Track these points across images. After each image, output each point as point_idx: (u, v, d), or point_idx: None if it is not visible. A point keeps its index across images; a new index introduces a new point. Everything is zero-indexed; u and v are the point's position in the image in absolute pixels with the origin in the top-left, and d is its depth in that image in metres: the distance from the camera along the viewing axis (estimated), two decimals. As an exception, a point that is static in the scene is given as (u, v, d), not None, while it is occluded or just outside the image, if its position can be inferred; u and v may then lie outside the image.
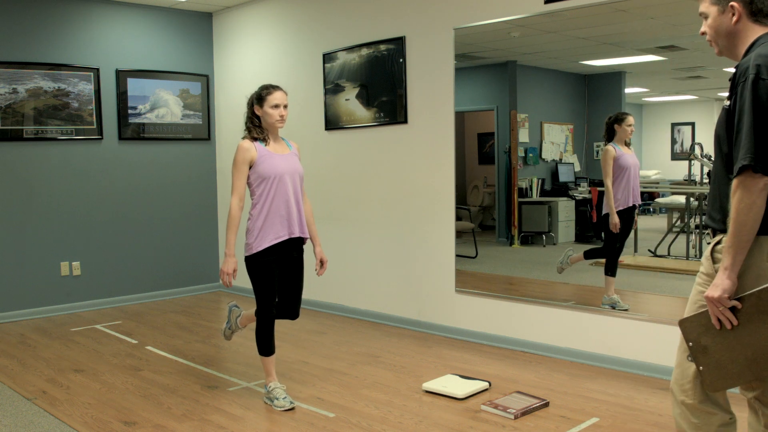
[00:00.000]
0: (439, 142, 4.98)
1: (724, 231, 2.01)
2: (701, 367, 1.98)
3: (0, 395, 3.85)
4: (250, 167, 3.49)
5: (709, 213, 2.12)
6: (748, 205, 1.88)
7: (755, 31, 2.02)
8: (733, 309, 1.92)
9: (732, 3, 2.01)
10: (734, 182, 1.91)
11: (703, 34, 2.13)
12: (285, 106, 3.56)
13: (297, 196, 3.58)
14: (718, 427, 2.08)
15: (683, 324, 2.01)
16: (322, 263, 3.75)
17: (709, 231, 2.14)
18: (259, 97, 3.55)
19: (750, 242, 1.91)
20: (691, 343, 1.99)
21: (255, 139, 3.54)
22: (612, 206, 4.61)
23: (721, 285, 1.92)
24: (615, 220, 4.60)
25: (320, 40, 5.84)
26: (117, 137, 6.34)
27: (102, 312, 6.09)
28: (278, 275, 3.58)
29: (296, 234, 3.56)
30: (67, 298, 6.09)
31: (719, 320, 1.95)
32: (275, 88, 3.56)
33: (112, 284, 6.36)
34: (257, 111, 3.56)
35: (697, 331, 1.97)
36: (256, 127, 3.57)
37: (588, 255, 4.77)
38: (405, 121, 5.20)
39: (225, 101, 6.89)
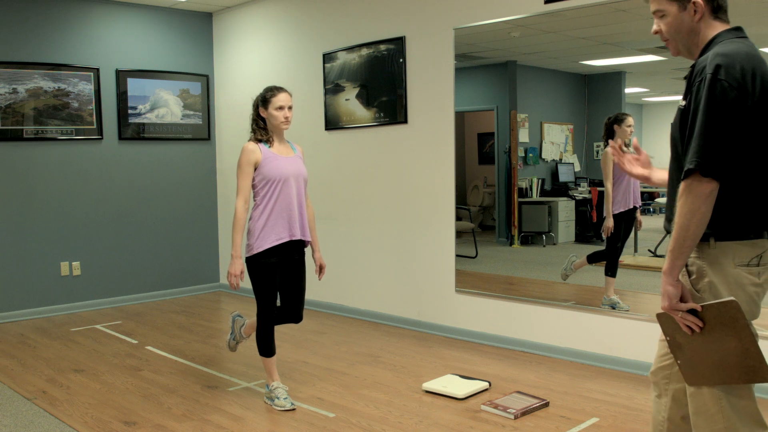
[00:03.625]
0: (439, 142, 4.98)
1: None
2: (679, 361, 1.95)
3: (0, 395, 3.85)
4: (255, 169, 3.49)
5: (667, 216, 2.04)
6: (692, 210, 1.81)
7: (715, 28, 1.95)
8: (697, 312, 1.87)
9: (694, 0, 1.93)
10: (681, 186, 1.83)
11: (657, 33, 2.03)
12: (290, 108, 3.55)
13: (300, 199, 3.58)
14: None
15: (660, 318, 1.97)
16: (321, 269, 3.75)
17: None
18: (263, 99, 3.54)
19: (692, 248, 1.85)
20: (668, 338, 1.97)
21: (260, 141, 3.54)
22: (609, 210, 4.61)
23: (665, 294, 1.88)
24: (609, 224, 4.59)
25: (320, 40, 5.84)
26: (117, 137, 6.34)
27: (102, 312, 6.09)
28: (280, 278, 3.58)
29: (297, 236, 3.56)
30: (67, 297, 6.09)
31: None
32: (279, 90, 3.55)
33: (112, 284, 6.36)
34: (262, 113, 3.55)
35: (672, 328, 1.95)
36: (261, 129, 3.57)
37: (591, 259, 4.77)
38: (405, 121, 5.20)
39: (225, 101, 6.89)
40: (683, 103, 1.91)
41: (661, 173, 2.24)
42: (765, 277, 1.91)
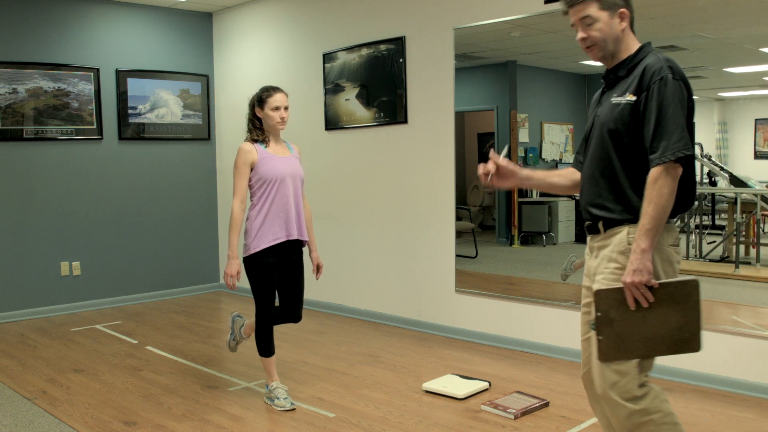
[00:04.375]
0: (439, 142, 4.98)
1: (632, 221, 2.09)
2: (601, 337, 2.06)
3: (0, 395, 3.85)
4: (251, 169, 3.49)
5: (601, 205, 2.18)
6: (670, 191, 2.00)
7: (633, 39, 2.20)
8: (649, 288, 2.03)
9: (621, 10, 2.16)
10: (657, 170, 2.01)
11: (584, 39, 2.19)
12: (286, 108, 3.55)
13: (297, 199, 3.58)
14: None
15: (599, 294, 2.06)
16: (318, 268, 3.75)
17: (600, 224, 2.20)
18: (259, 100, 3.54)
19: (663, 227, 2.03)
20: (600, 314, 2.06)
21: (256, 141, 3.54)
22: None
23: (645, 269, 2.00)
24: None
25: (320, 40, 5.84)
26: (117, 137, 6.34)
27: (102, 312, 6.09)
28: (277, 278, 3.58)
29: (294, 236, 3.56)
30: (67, 297, 6.09)
31: (637, 301, 2.03)
32: (275, 90, 3.55)
33: (112, 284, 6.36)
34: (258, 113, 3.56)
35: (608, 304, 2.05)
36: (257, 129, 3.57)
37: None
38: (405, 121, 5.20)
39: (225, 101, 6.89)
40: (633, 98, 2.09)
41: (533, 174, 2.43)
42: (680, 256, 2.15)
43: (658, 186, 2.00)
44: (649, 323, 2.02)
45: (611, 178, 2.15)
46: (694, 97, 2.12)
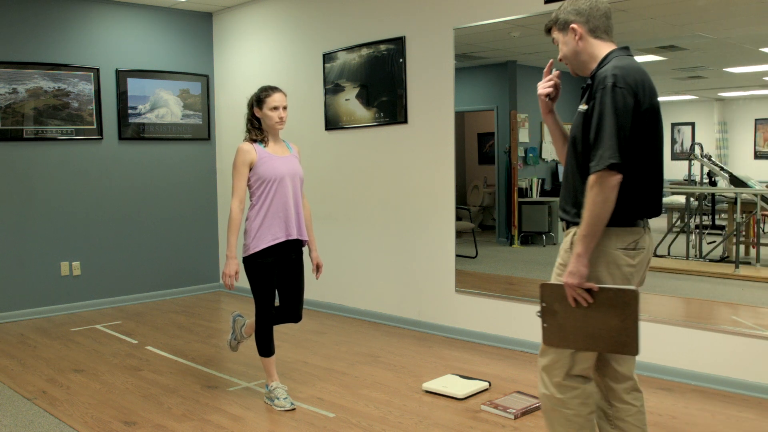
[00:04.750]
0: (439, 142, 4.98)
1: (578, 223, 2.18)
2: (545, 325, 2.23)
3: (0, 395, 3.85)
4: (250, 169, 3.49)
5: (563, 207, 2.32)
6: (603, 199, 2.07)
7: (600, 47, 2.26)
8: (588, 290, 2.14)
9: (572, 26, 2.26)
10: (592, 178, 2.08)
11: (561, 60, 2.36)
12: (284, 108, 3.55)
13: (296, 199, 3.58)
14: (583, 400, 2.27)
15: (543, 288, 2.22)
16: (318, 268, 3.75)
17: (564, 224, 2.34)
18: (258, 99, 3.54)
19: (601, 233, 2.12)
20: (544, 304, 2.22)
21: (255, 141, 3.54)
22: None
23: (578, 273, 2.12)
24: None
25: (320, 40, 5.84)
26: (117, 137, 6.34)
27: (102, 312, 6.09)
28: (277, 277, 3.58)
29: (294, 236, 3.56)
30: (67, 297, 6.09)
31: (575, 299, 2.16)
32: (274, 89, 3.55)
33: (112, 284, 6.36)
34: (257, 113, 3.56)
35: (552, 298, 2.20)
36: (256, 129, 3.57)
37: None
38: (405, 121, 5.20)
39: (225, 101, 6.89)
40: (585, 107, 2.20)
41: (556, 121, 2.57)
42: (639, 259, 2.21)
43: (592, 194, 2.08)
44: (590, 321, 2.14)
45: (573, 183, 2.27)
46: (693, 96, 2.15)
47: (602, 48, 2.26)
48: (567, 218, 2.29)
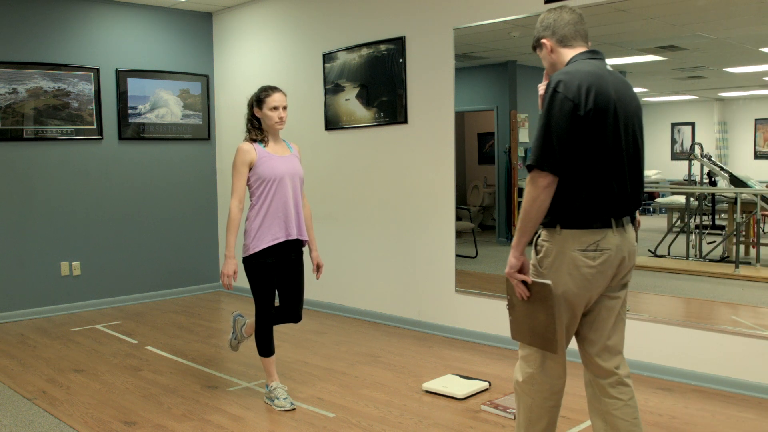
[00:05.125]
0: (439, 142, 4.98)
1: (545, 224, 2.29)
2: (510, 317, 2.37)
3: (0, 395, 3.85)
4: (250, 169, 3.49)
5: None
6: (533, 197, 2.18)
7: (566, 54, 2.36)
8: (527, 283, 2.27)
9: (542, 41, 2.40)
10: (527, 178, 2.22)
11: (546, 74, 2.46)
12: (284, 108, 3.55)
13: (296, 199, 3.58)
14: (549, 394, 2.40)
15: (507, 281, 2.33)
16: (318, 268, 3.75)
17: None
18: (258, 99, 3.54)
19: (534, 228, 2.23)
20: (509, 297, 2.35)
21: (254, 141, 3.54)
22: None
23: (508, 262, 2.27)
24: None
25: (320, 40, 5.84)
26: (117, 137, 6.34)
27: (102, 312, 6.09)
28: (277, 277, 3.58)
29: (294, 236, 3.56)
30: (67, 297, 6.09)
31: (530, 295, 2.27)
32: (274, 89, 3.55)
33: (112, 284, 6.36)
34: (257, 113, 3.56)
35: (511, 291, 2.33)
36: (256, 128, 3.57)
37: None
38: (405, 121, 5.20)
39: (225, 101, 6.89)
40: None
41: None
42: (600, 261, 2.24)
43: (525, 191, 2.22)
44: (530, 315, 2.28)
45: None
46: (693, 96, 2.17)
47: (568, 56, 2.36)
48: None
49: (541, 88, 2.47)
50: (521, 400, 2.43)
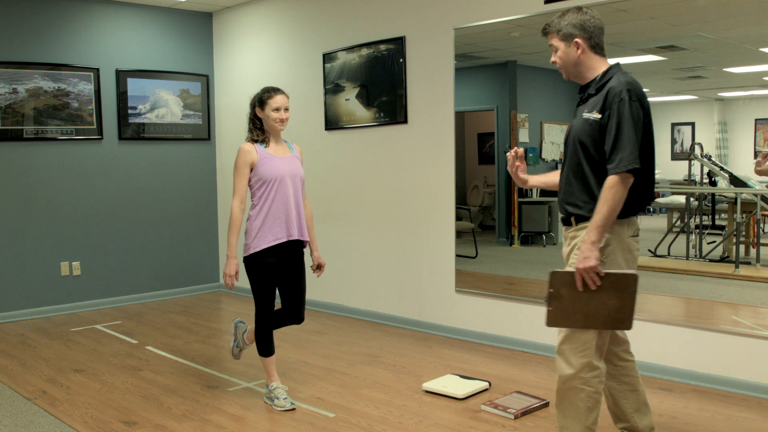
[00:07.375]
0: (439, 142, 4.98)
1: (589, 218, 2.46)
2: (550, 308, 2.47)
3: (0, 395, 3.85)
4: (251, 169, 3.50)
5: (574, 203, 2.56)
6: (621, 197, 2.38)
7: (599, 61, 2.55)
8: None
9: (576, 39, 2.52)
10: (613, 179, 2.38)
11: (554, 63, 2.62)
12: (286, 109, 3.56)
13: (297, 199, 3.58)
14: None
15: (553, 275, 2.45)
16: (320, 267, 3.75)
17: (573, 219, 2.59)
18: (260, 100, 3.55)
19: (611, 225, 2.43)
20: (552, 290, 2.45)
21: (256, 141, 3.55)
22: None
23: (593, 256, 2.38)
24: None
25: (320, 40, 5.85)
26: (117, 137, 6.34)
27: (102, 312, 6.09)
28: (278, 278, 3.58)
29: (295, 236, 3.56)
30: (67, 297, 6.09)
31: (584, 283, 2.41)
32: (276, 91, 3.56)
33: (112, 284, 6.36)
34: (259, 113, 3.57)
35: (560, 283, 2.45)
36: (258, 129, 3.58)
37: None
38: (405, 121, 5.20)
39: (225, 101, 6.89)
40: (598, 116, 2.46)
41: (538, 178, 2.93)
42: (638, 244, 2.59)
43: (612, 191, 2.38)
44: (592, 302, 2.43)
45: (582, 181, 2.53)
46: (693, 96, 2.26)
47: (599, 62, 2.55)
48: (581, 212, 2.53)
49: (515, 169, 2.86)
50: (572, 395, 2.53)
